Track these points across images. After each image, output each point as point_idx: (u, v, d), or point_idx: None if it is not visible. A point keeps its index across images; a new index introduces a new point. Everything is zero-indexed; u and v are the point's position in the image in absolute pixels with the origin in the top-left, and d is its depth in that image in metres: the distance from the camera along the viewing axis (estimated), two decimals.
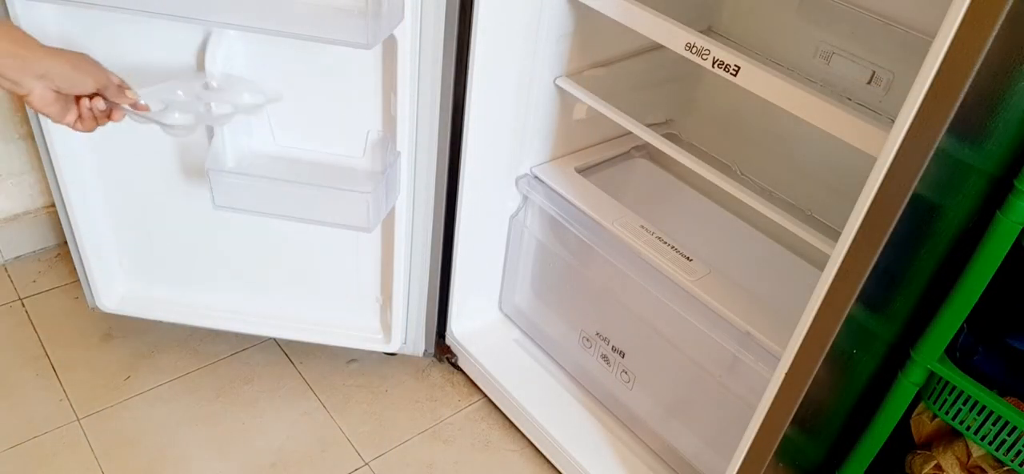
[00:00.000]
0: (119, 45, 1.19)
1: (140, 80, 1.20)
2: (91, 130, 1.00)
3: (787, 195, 1.39)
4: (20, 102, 1.38)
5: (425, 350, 1.55)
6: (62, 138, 1.26)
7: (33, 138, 1.35)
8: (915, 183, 0.79)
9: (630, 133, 1.32)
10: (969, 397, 0.97)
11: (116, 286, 1.48)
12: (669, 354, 1.30)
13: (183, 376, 1.53)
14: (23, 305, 1.63)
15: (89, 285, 1.45)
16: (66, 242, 1.42)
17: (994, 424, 0.96)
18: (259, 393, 1.52)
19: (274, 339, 1.61)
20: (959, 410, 0.99)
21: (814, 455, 1.20)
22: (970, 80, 0.72)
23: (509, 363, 1.54)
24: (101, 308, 1.47)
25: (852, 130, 0.92)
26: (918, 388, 1.03)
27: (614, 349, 1.39)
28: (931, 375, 1.00)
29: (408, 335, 1.51)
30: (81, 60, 0.96)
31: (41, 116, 1.05)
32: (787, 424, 1.01)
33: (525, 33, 1.25)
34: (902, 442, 1.13)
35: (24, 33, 0.91)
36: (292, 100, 1.25)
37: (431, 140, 1.27)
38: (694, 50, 1.05)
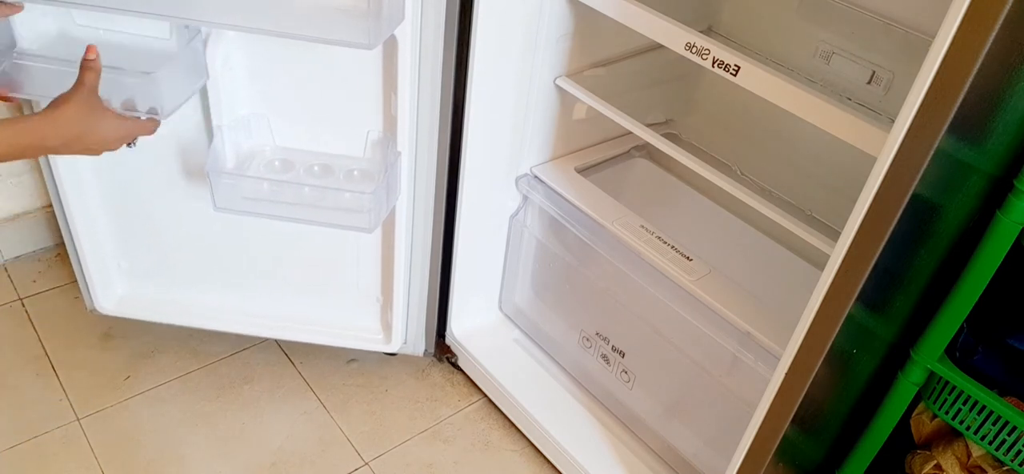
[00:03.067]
0: (119, 45, 1.19)
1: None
2: None
3: (787, 195, 1.39)
4: (19, 106, 1.39)
5: (425, 350, 1.55)
6: None
7: None
8: (915, 183, 0.79)
9: (630, 133, 1.31)
10: (969, 397, 0.97)
11: (115, 288, 1.48)
12: (669, 354, 1.30)
13: (183, 376, 1.52)
14: (23, 305, 1.63)
15: (87, 287, 1.45)
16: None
17: (994, 424, 0.96)
18: (259, 393, 1.52)
19: (274, 339, 1.61)
20: (959, 410, 0.99)
21: (814, 455, 1.20)
22: (970, 80, 0.72)
23: (509, 363, 1.54)
24: (99, 310, 1.47)
25: (852, 130, 0.92)
26: (918, 388, 1.03)
27: (614, 349, 1.39)
28: (931, 375, 1.01)
29: (408, 335, 1.51)
30: None
31: None
32: (787, 424, 1.01)
33: (525, 33, 1.25)
34: (902, 442, 1.13)
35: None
36: (292, 100, 1.25)
37: (431, 140, 1.27)
38: (694, 50, 1.05)
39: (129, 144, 1.05)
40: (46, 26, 1.16)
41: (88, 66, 0.97)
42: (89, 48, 0.97)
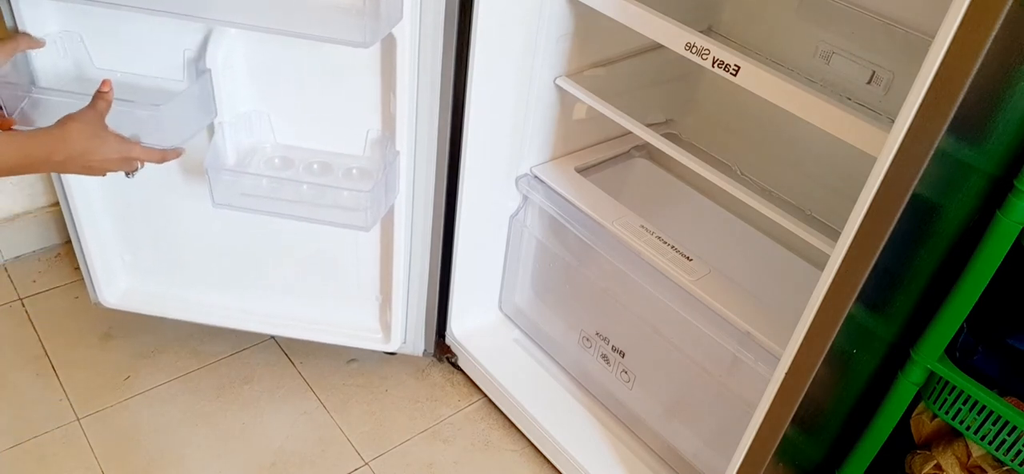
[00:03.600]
0: (120, 44, 1.19)
1: (141, 78, 1.21)
2: None
3: (787, 195, 1.39)
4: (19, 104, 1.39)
5: (425, 350, 1.55)
6: None
7: None
8: (915, 183, 0.79)
9: (630, 133, 1.32)
10: (969, 397, 0.97)
11: (118, 282, 1.48)
12: (669, 354, 1.30)
13: (183, 376, 1.52)
14: (23, 305, 1.63)
15: (91, 281, 1.45)
16: (66, 242, 1.42)
17: (994, 424, 0.96)
18: (259, 393, 1.52)
19: (274, 339, 1.61)
20: (959, 410, 0.99)
21: (814, 455, 1.20)
22: (970, 80, 0.72)
23: (509, 363, 1.54)
24: (103, 304, 1.47)
25: (852, 130, 0.92)
26: (918, 388, 1.03)
27: (614, 349, 1.39)
28: (931, 375, 1.00)
29: (408, 334, 1.51)
30: None
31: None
32: (787, 424, 1.01)
33: (525, 33, 1.25)
34: (902, 442, 1.13)
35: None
36: (292, 99, 1.25)
37: (431, 139, 1.27)
38: (694, 50, 1.05)
39: (127, 173, 1.09)
40: (65, 67, 1.19)
41: (101, 96, 1.03)
42: (104, 81, 1.03)
